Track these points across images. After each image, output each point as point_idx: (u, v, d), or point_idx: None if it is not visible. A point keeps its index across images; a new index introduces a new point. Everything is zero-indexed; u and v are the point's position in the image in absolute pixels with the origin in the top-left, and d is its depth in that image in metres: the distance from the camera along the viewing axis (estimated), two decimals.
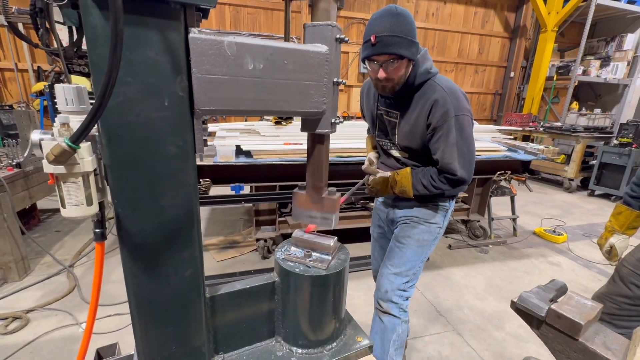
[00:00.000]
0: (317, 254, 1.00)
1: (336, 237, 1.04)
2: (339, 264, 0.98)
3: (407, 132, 1.44)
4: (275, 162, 2.66)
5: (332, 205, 0.98)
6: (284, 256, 1.00)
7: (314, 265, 0.96)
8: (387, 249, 1.64)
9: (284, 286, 0.98)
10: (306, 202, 1.01)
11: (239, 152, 2.78)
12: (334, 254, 1.02)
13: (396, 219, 1.63)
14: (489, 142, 3.67)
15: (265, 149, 2.75)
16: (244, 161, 2.62)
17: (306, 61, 0.76)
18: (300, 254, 1.00)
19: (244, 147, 2.78)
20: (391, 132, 1.52)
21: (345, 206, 3.52)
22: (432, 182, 1.41)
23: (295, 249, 1.04)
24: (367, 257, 3.11)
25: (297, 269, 0.94)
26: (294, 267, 0.95)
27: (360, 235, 3.26)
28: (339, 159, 2.77)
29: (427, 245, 1.57)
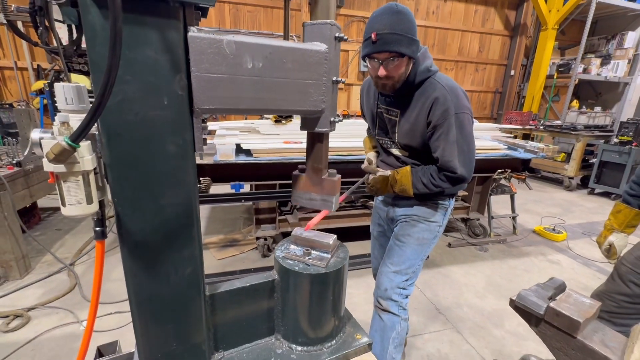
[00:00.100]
0: (316, 252, 1.01)
1: (335, 236, 1.04)
2: (338, 262, 0.99)
3: (407, 130, 1.44)
4: (275, 161, 2.67)
5: (332, 187, 0.94)
6: (283, 254, 1.00)
7: (313, 263, 0.96)
8: (387, 248, 1.65)
9: (283, 284, 0.98)
10: (306, 184, 0.97)
11: (239, 150, 2.78)
12: (334, 252, 1.02)
13: (396, 217, 1.63)
14: (489, 140, 3.67)
15: (265, 148, 2.75)
16: (244, 160, 2.63)
17: (305, 60, 0.76)
18: (299, 252, 1.00)
19: (244, 146, 2.78)
20: (391, 131, 1.52)
21: (345, 204, 3.52)
22: (432, 180, 1.41)
23: (294, 247, 1.04)
24: (367, 255, 3.11)
25: (296, 267, 0.94)
26: (293, 265, 0.95)
27: (360, 233, 3.26)
28: (339, 158, 2.77)
29: (427, 243, 1.58)
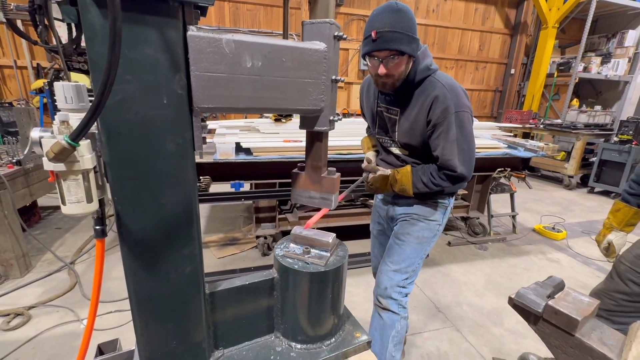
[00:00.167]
0: (315, 250, 1.01)
1: (335, 234, 1.04)
2: (337, 260, 0.99)
3: (407, 129, 1.44)
4: (275, 160, 2.67)
5: (331, 184, 0.94)
6: (283, 253, 1.01)
7: (313, 261, 0.96)
8: (387, 246, 1.65)
9: (283, 282, 0.98)
10: (305, 182, 0.97)
11: (239, 149, 2.78)
12: (333, 250, 1.02)
13: (396, 216, 1.63)
14: (489, 139, 3.67)
15: (265, 146, 2.75)
16: (243, 158, 2.63)
17: (304, 59, 0.76)
18: (299, 251, 1.01)
19: (244, 145, 2.78)
20: (391, 129, 1.52)
21: (344, 203, 3.52)
22: (432, 179, 1.41)
23: (294, 245, 1.04)
24: (367, 254, 3.12)
25: (295, 266, 0.95)
26: (292, 264, 0.95)
27: (360, 232, 3.27)
28: (338, 156, 2.77)
29: (427, 242, 1.58)
